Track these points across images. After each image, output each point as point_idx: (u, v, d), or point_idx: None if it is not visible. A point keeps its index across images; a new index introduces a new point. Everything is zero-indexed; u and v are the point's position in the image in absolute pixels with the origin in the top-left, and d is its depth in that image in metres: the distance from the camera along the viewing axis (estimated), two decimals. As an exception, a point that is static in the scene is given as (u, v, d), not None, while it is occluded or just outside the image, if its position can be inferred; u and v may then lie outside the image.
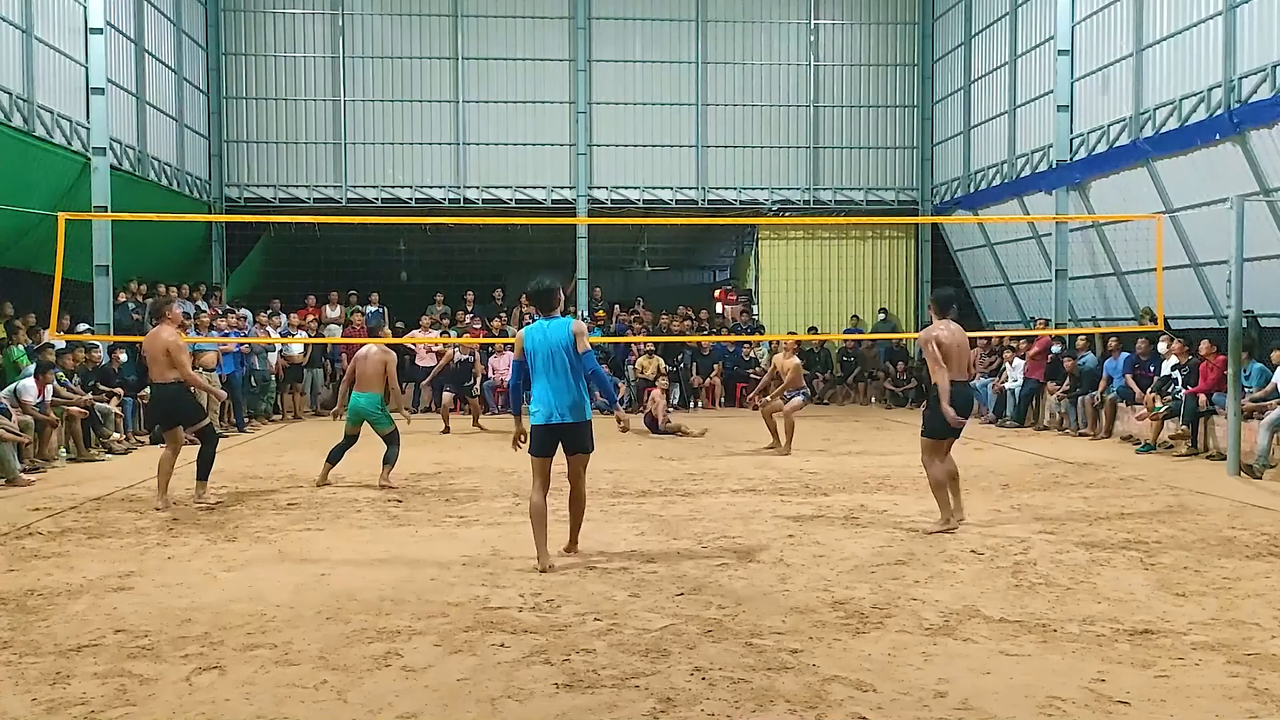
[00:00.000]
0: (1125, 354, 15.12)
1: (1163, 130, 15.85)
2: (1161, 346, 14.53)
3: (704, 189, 23.52)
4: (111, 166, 16.74)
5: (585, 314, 21.86)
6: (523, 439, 7.22)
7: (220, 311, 17.94)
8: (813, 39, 23.73)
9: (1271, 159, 13.83)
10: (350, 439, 10.76)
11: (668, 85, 23.35)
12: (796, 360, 13.91)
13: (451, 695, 4.56)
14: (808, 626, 5.53)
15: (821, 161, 23.86)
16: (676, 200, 23.46)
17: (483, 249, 25.20)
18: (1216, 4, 14.64)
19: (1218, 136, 14.55)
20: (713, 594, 6.22)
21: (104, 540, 7.86)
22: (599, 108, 23.15)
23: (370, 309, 20.50)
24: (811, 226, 23.73)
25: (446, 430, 15.84)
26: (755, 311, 23.58)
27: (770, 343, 21.78)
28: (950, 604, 5.97)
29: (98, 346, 14.61)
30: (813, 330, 22.45)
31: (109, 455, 13.04)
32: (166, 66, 20.08)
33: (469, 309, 21.19)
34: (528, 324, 8.29)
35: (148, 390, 15.06)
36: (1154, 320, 14.23)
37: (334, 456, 10.73)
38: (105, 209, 16.22)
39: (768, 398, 14.00)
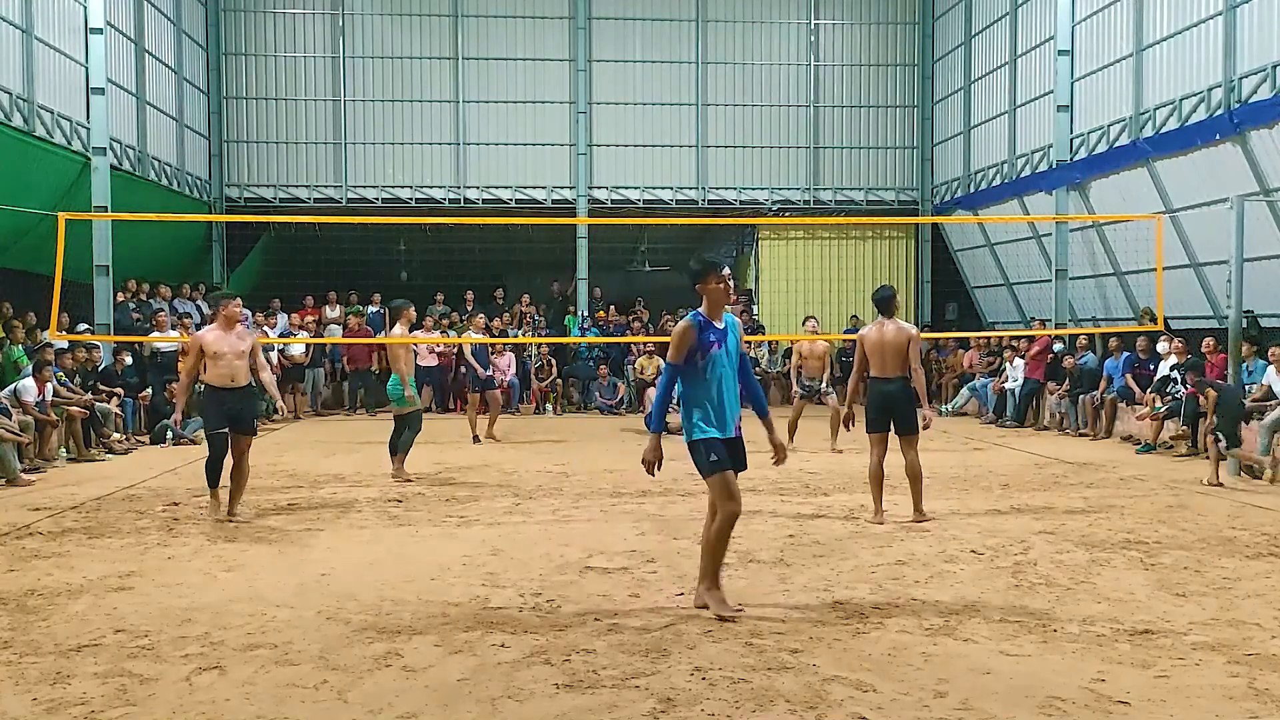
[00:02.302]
0: (1125, 354, 15.11)
1: (1163, 130, 15.85)
2: (1162, 346, 14.52)
3: (704, 189, 23.53)
4: (111, 166, 16.75)
5: (585, 314, 21.86)
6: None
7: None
8: (813, 39, 23.74)
9: (1272, 159, 13.82)
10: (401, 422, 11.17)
11: (668, 85, 23.35)
12: (822, 345, 13.78)
13: (451, 695, 4.56)
14: (808, 626, 5.53)
15: (821, 161, 23.87)
16: (676, 200, 23.47)
17: (483, 249, 25.19)
18: (1216, 4, 14.65)
19: (1218, 136, 14.56)
20: (713, 594, 6.21)
21: (104, 540, 7.86)
22: (599, 108, 23.16)
23: (371, 309, 20.52)
24: (811, 226, 23.73)
25: (478, 439, 14.67)
26: (755, 311, 23.58)
27: (769, 343, 21.77)
28: (950, 604, 5.97)
29: (97, 346, 14.61)
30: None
31: (109, 455, 13.04)
32: (166, 66, 20.09)
33: (469, 309, 21.16)
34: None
35: (149, 391, 15.21)
36: (1154, 320, 14.23)
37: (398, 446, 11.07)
38: (105, 209, 16.22)
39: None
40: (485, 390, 15.33)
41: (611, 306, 22.15)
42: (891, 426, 8.68)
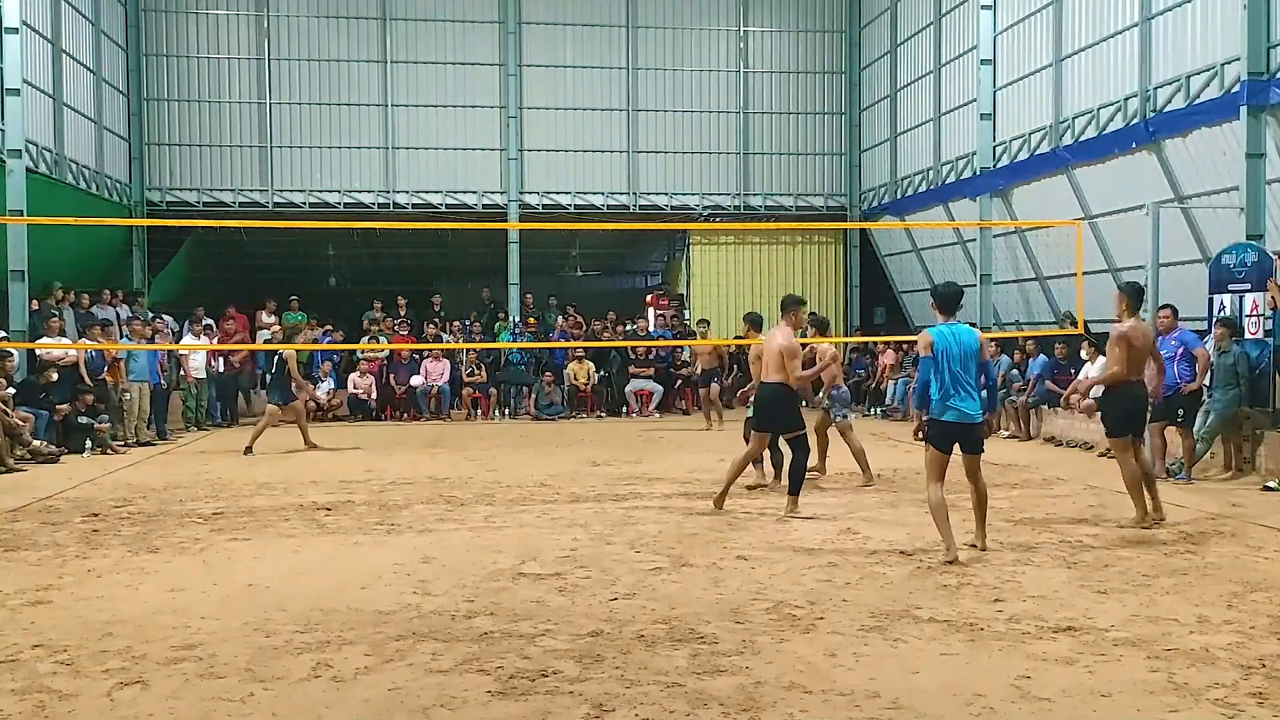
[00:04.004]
0: (1042, 357, 15.50)
1: (1082, 139, 16.24)
2: (1085, 353, 14.85)
3: (635, 194, 23.57)
4: (27, 169, 16.26)
5: (516, 319, 21.75)
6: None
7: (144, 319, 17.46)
8: (742, 45, 23.92)
9: (1185, 167, 14.24)
10: None
11: (598, 91, 23.36)
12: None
13: (383, 706, 4.50)
14: (741, 629, 5.56)
15: (751, 167, 24.05)
16: (608, 205, 23.48)
17: (414, 254, 24.97)
18: (1133, 16, 15.04)
19: (1134, 145, 14.96)
20: (646, 598, 6.23)
21: (20, 553, 7.64)
22: (530, 112, 23.08)
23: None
24: (742, 232, 23.89)
25: (250, 450, 13.91)
26: (687, 316, 23.65)
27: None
28: (880, 605, 6.04)
29: (12, 355, 14.15)
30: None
31: (27, 465, 12.60)
32: (85, 67, 19.58)
33: (400, 314, 20.99)
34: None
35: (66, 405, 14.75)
36: (1074, 324, 14.56)
37: None
38: (21, 212, 15.76)
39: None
40: (286, 404, 14.68)
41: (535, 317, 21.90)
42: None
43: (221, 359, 18.17)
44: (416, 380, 19.38)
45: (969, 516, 7.79)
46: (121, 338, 15.77)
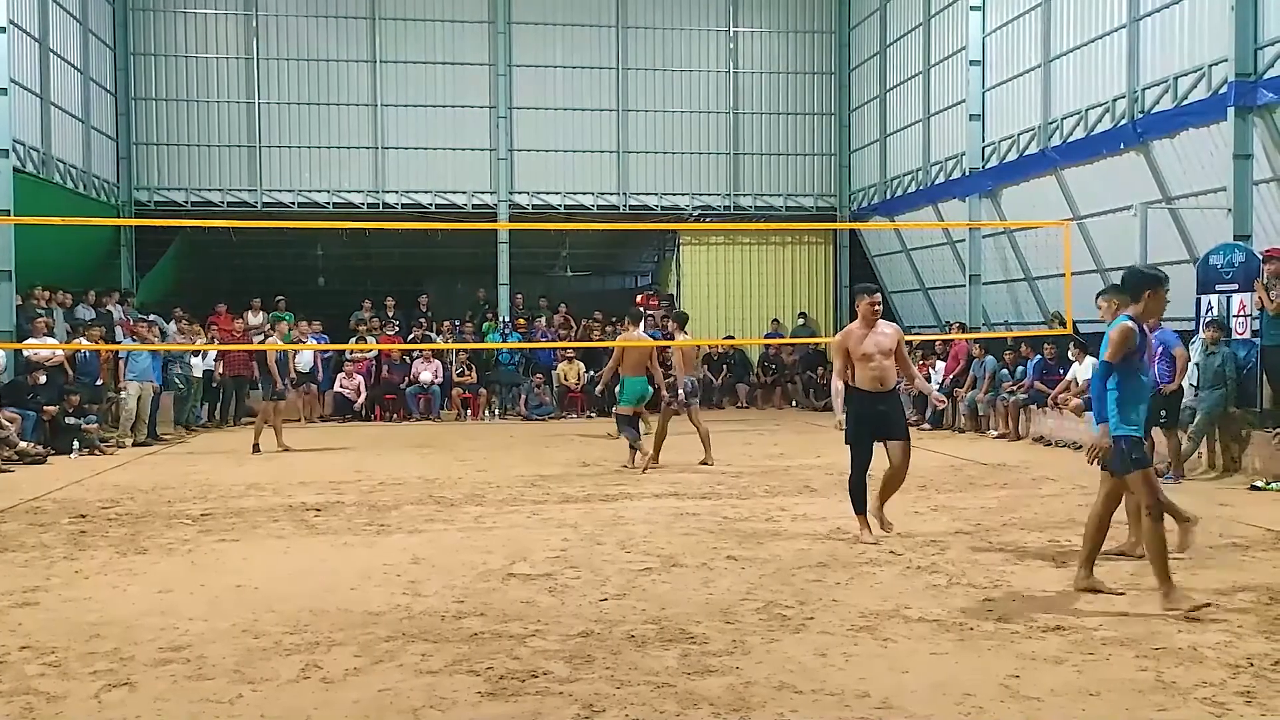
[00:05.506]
0: (1036, 357, 15.54)
1: (1070, 140, 16.29)
2: (1072, 354, 14.89)
3: (625, 194, 23.57)
4: (15, 169, 16.19)
5: (506, 319, 21.74)
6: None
7: (133, 320, 17.41)
8: (732, 46, 23.94)
9: (1173, 168, 14.29)
10: None
11: (588, 91, 23.36)
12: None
13: (373, 707, 4.49)
14: (731, 629, 5.57)
15: (741, 167, 24.08)
16: (598, 206, 23.48)
17: (403, 254, 24.93)
18: (1120, 17, 15.09)
19: (1122, 146, 15.01)
20: (636, 599, 6.23)
21: (7, 554, 7.60)
22: (520, 113, 23.08)
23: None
24: (732, 232, 23.92)
25: (257, 448, 14.13)
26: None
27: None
28: (871, 605, 6.05)
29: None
30: (729, 337, 22.37)
31: (14, 466, 12.54)
32: (73, 67, 19.51)
33: (389, 314, 20.97)
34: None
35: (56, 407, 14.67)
36: (1063, 324, 14.60)
37: None
38: (8, 212, 15.69)
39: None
40: (276, 400, 14.58)
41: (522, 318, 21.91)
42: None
43: (215, 359, 18.07)
44: (425, 376, 19.37)
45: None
46: (126, 338, 15.73)
